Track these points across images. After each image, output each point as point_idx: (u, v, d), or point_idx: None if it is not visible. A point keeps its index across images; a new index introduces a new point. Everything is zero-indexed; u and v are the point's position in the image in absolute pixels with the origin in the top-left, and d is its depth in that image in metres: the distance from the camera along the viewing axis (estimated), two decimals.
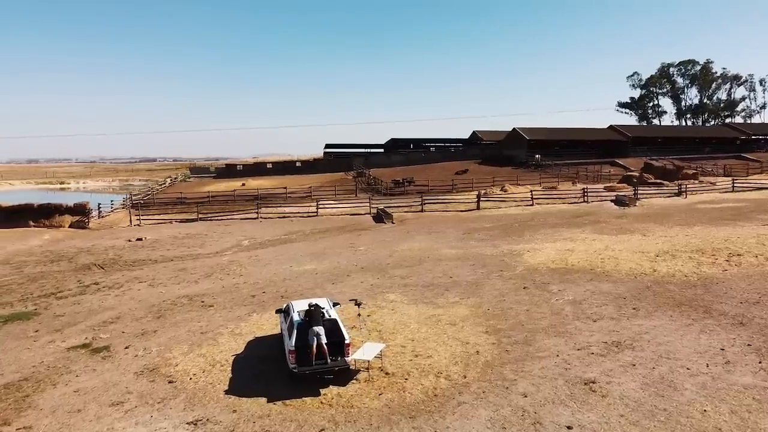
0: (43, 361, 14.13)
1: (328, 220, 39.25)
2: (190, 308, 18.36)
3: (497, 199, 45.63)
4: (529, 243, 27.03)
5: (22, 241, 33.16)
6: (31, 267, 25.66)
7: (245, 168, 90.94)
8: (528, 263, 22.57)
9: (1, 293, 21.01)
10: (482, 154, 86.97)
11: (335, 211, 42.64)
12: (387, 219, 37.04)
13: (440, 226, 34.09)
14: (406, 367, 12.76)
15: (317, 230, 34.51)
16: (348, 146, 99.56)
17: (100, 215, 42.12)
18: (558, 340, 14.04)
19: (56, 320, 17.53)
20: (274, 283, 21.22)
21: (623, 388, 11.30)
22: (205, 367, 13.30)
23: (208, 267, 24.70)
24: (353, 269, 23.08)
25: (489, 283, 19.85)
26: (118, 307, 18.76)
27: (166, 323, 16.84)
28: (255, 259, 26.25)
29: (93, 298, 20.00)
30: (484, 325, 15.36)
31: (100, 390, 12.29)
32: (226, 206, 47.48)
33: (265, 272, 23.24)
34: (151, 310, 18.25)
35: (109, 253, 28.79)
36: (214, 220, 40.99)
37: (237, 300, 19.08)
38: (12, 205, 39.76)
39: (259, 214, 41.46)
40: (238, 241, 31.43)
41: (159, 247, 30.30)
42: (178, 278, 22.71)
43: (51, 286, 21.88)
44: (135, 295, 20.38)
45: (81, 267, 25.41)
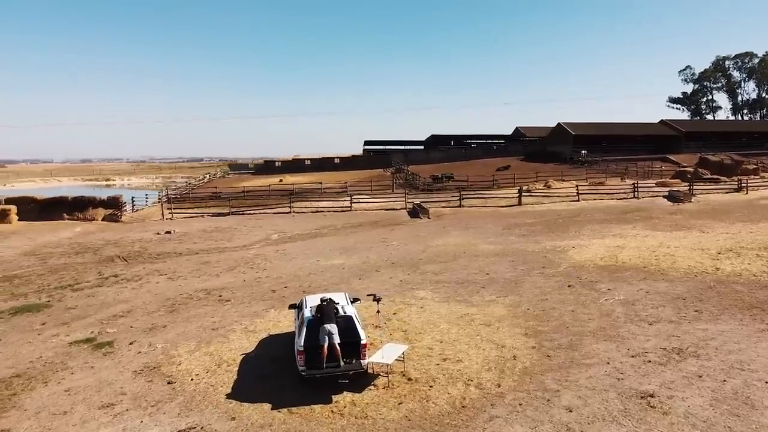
0: (42, 356, 13.14)
1: (362, 214, 37.89)
2: (206, 303, 17.22)
3: (540, 194, 43.41)
4: (574, 239, 25.03)
5: (53, 233, 32.93)
6: (56, 258, 25.12)
7: (283, 165, 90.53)
8: (573, 260, 20.66)
9: (19, 284, 20.36)
10: (525, 151, 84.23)
11: (370, 205, 41.25)
12: (423, 214, 35.43)
13: (478, 221, 32.30)
14: (431, 373, 11.21)
15: (349, 225, 33.18)
16: (387, 143, 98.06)
17: (133, 209, 41.90)
18: (608, 345, 12.23)
19: (67, 313, 16.64)
20: (298, 278, 19.93)
21: (688, 404, 9.48)
22: (210, 367, 12.05)
23: (232, 260, 23.63)
24: (383, 264, 21.61)
25: (530, 280, 18.08)
26: (132, 300, 17.79)
27: (177, 318, 15.72)
28: (281, 253, 25.08)
29: (109, 291, 19.11)
30: (523, 327, 13.66)
31: (92, 390, 11.16)
32: (260, 201, 46.71)
33: (290, 266, 22.00)
34: (165, 304, 17.20)
35: (135, 245, 28.11)
36: (245, 214, 40.17)
37: (256, 295, 17.86)
38: (47, 198, 39.84)
39: (291, 209, 40.43)
40: (267, 235, 30.37)
41: (186, 240, 29.50)
42: (199, 271, 21.68)
43: (70, 277, 21.15)
44: (152, 288, 19.41)
45: (104, 259, 24.72)
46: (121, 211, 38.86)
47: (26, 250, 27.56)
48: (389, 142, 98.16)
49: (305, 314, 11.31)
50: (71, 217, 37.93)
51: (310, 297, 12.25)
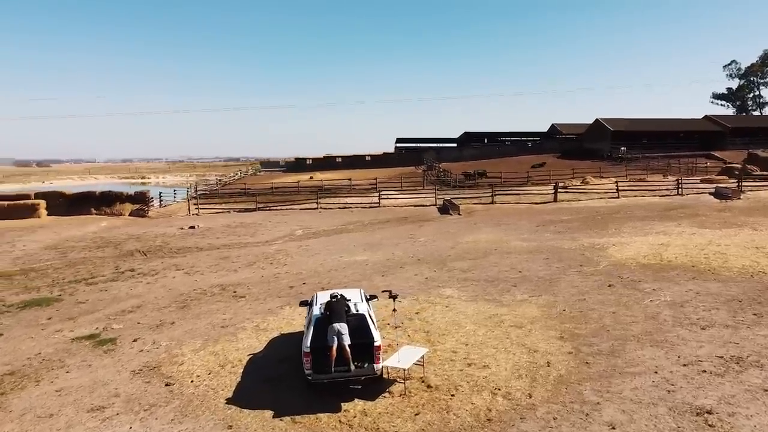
0: (41, 352, 12.42)
1: (390, 210, 36.77)
2: (220, 299, 16.35)
3: (577, 190, 41.55)
4: (614, 236, 23.41)
5: (79, 227, 32.78)
6: (76, 252, 24.72)
7: (314, 162, 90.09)
8: (614, 258, 19.13)
9: (35, 278, 19.90)
10: (561, 148, 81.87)
11: (399, 202, 40.09)
12: (453, 210, 34.11)
13: (511, 218, 30.83)
14: (454, 379, 10.02)
15: (376, 221, 32.10)
16: (419, 140, 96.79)
17: (161, 204, 41.67)
18: (656, 352, 10.84)
19: (75, 307, 15.99)
20: (318, 274, 18.93)
21: (754, 423, 8.10)
22: (213, 368, 11.10)
23: (252, 256, 22.79)
24: (408, 261, 20.44)
25: (566, 279, 16.67)
26: (144, 295, 17.05)
27: (188, 314, 14.87)
28: (304, 248, 24.14)
29: (123, 285, 18.44)
30: (559, 329, 12.33)
31: (85, 390, 10.32)
32: (287, 197, 46.05)
33: (311, 262, 21.03)
34: (177, 300, 16.40)
35: (157, 240, 27.58)
36: (272, 210, 39.47)
37: (273, 291, 16.92)
38: (75, 193, 39.92)
39: (318, 205, 39.58)
40: (292, 231, 29.52)
41: (209, 235, 28.86)
42: (218, 266, 20.89)
43: (86, 271, 20.60)
44: (167, 282, 18.67)
45: (124, 253, 24.20)
46: (148, 207, 38.62)
47: (49, 243, 27.32)
48: (421, 139, 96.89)
49: (314, 312, 10.26)
50: (99, 212, 37.87)
51: (321, 293, 11.19)
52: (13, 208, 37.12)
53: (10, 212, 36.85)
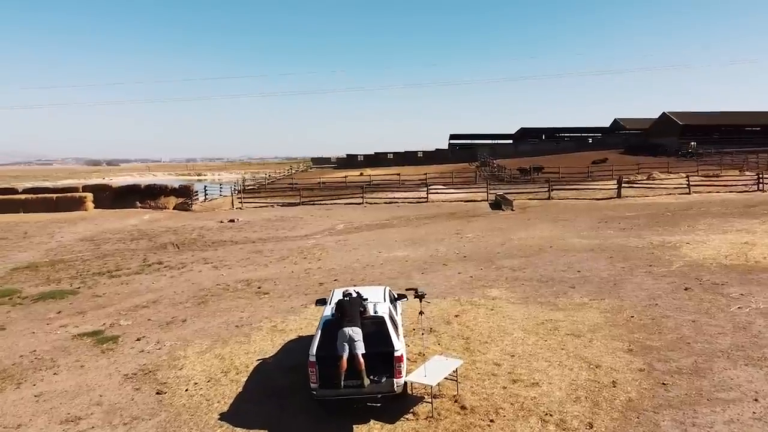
0: (37, 349, 11.26)
1: (438, 206, 34.80)
2: (241, 295, 14.95)
3: (643, 186, 38.37)
4: (688, 234, 20.75)
5: (120, 220, 32.42)
6: (110, 244, 24.01)
7: (366, 159, 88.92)
8: (689, 257, 16.65)
9: (60, 269, 19.12)
10: (625, 143, 77.71)
11: (448, 197, 38.07)
12: (506, 205, 31.84)
13: (569, 214, 28.35)
14: (495, 400, 8.14)
15: (423, 216, 30.22)
16: (474, 137, 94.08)
17: (205, 198, 41.14)
18: (753, 372, 8.63)
19: (90, 301, 14.92)
20: (353, 271, 17.30)
21: None
22: (215, 374, 9.59)
23: (287, 250, 21.40)
24: (453, 258, 18.54)
25: (633, 280, 14.41)
26: (165, 290, 15.85)
27: (203, 311, 13.51)
28: (342, 243, 22.57)
29: (146, 278, 17.34)
30: (626, 340, 10.22)
31: (67, 397, 8.99)
32: (333, 192, 44.77)
33: (347, 258, 19.42)
34: (196, 295, 15.10)
35: (194, 233, 26.65)
36: (315, 205, 38.20)
37: (300, 288, 15.39)
38: (120, 186, 39.90)
39: (364, 199, 38.02)
40: (333, 225, 28.04)
41: (247, 228, 27.74)
42: (248, 260, 19.57)
43: (113, 264, 19.68)
44: (192, 276, 17.45)
45: (157, 246, 23.29)
46: (192, 200, 38.07)
47: (87, 235, 26.85)
48: (476, 135, 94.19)
49: (325, 313, 8.58)
50: (143, 205, 37.62)
51: (340, 291, 9.49)
52: (61, 200, 37.36)
53: (59, 205, 37.09)
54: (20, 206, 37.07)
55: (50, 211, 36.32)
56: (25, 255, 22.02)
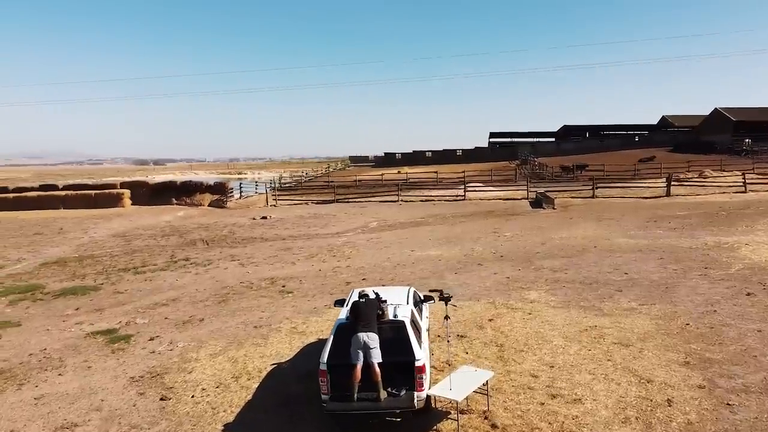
0: (47, 348, 10.80)
1: (476, 204, 33.64)
2: (264, 293, 14.28)
3: (694, 184, 36.34)
4: (746, 234, 19.17)
5: (155, 216, 32.41)
6: (141, 240, 23.80)
7: (404, 157, 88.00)
8: (750, 260, 15.21)
9: (87, 264, 18.88)
10: (673, 141, 74.60)
11: (486, 195, 36.84)
12: (547, 204, 30.48)
13: (615, 212, 26.84)
14: (530, 418, 7.16)
15: (459, 214, 29.15)
16: (514, 134, 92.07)
17: (240, 196, 40.97)
18: None
19: (110, 298, 14.50)
20: (382, 270, 16.46)
21: None
22: (225, 379, 8.88)
23: (316, 248, 20.70)
24: (489, 257, 17.50)
25: (687, 284, 13.13)
26: (187, 287, 15.34)
27: (223, 310, 12.88)
28: (374, 241, 21.76)
29: (170, 275, 16.88)
30: (682, 351, 9.07)
31: (67, 400, 8.42)
32: (369, 190, 44.02)
33: (378, 256, 18.60)
34: (218, 293, 14.51)
35: (225, 230, 26.27)
36: (350, 202, 37.51)
37: (326, 287, 14.62)
38: (157, 183, 40.10)
39: (399, 197, 37.15)
40: (366, 223, 27.27)
41: (279, 225, 27.22)
42: (275, 258, 18.95)
43: (140, 260, 19.35)
44: (216, 274, 16.92)
45: (187, 242, 22.94)
46: (227, 197, 37.91)
47: (119, 231, 26.80)
48: (516, 133, 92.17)
49: (339, 316, 7.76)
50: (179, 201, 37.64)
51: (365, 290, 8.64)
52: (100, 197, 37.73)
53: (97, 201, 37.47)
54: (60, 202, 37.61)
55: (89, 207, 36.71)
56: (57, 250, 21.97)
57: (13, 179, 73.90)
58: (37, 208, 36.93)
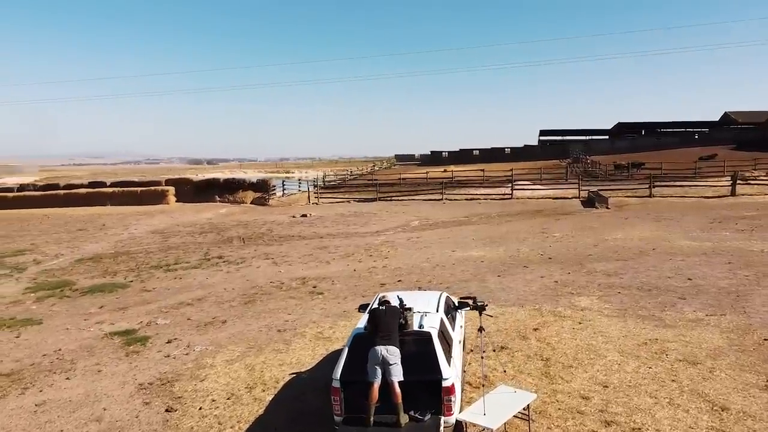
0: (62, 348, 10.31)
1: (523, 203, 32.15)
2: (294, 294, 13.52)
3: (762, 183, 33.79)
4: None
5: (197, 213, 32.34)
6: (178, 237, 23.53)
7: (450, 155, 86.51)
8: None
9: (120, 261, 18.61)
10: (737, 138, 70.58)
11: (534, 194, 35.26)
12: (600, 203, 28.77)
13: (674, 212, 25.00)
14: None
15: (504, 213, 27.81)
16: (565, 132, 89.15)
17: (283, 193, 40.65)
18: None
19: (136, 296, 14.04)
20: (420, 271, 15.47)
21: None
22: (237, 390, 8.10)
23: (353, 246, 19.87)
24: (536, 259, 16.26)
25: (762, 292, 11.64)
26: (216, 286, 14.75)
27: (248, 312, 12.17)
28: (414, 240, 20.76)
29: (201, 273, 16.37)
30: (762, 372, 7.77)
31: (68, 408, 7.81)
32: (413, 188, 43.00)
33: (416, 256, 17.61)
34: (246, 293, 13.83)
35: (263, 227, 25.78)
36: (393, 201, 36.56)
37: (359, 289, 13.75)
38: (200, 180, 40.20)
39: (443, 195, 35.97)
40: (407, 221, 26.28)
41: (318, 223, 26.55)
42: (310, 257, 18.22)
43: (174, 257, 18.97)
44: (248, 272, 16.30)
45: (224, 240, 22.52)
46: (269, 195, 37.61)
47: (159, 228, 26.71)
48: (568, 131, 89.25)
49: (358, 324, 6.83)
50: (222, 199, 37.63)
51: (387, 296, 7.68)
52: (145, 194, 38.11)
53: (143, 198, 37.85)
54: (108, 199, 38.17)
55: (135, 204, 37.10)
56: (95, 246, 21.90)
57: (69, 177, 76.11)
58: (86, 205, 37.58)
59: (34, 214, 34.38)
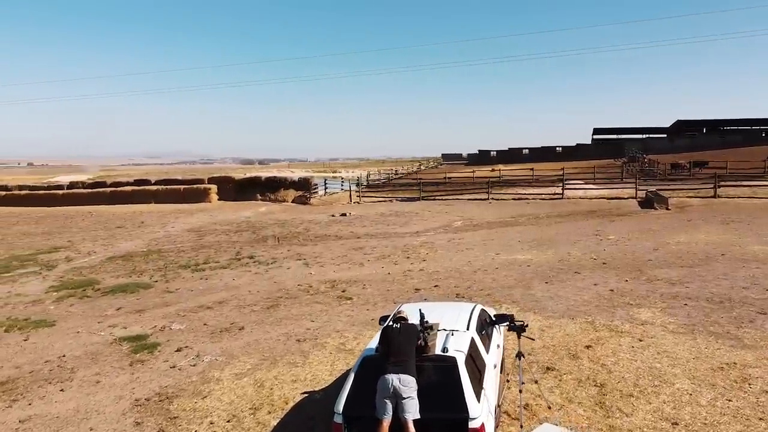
0: (66, 354, 9.58)
1: (575, 203, 30.30)
2: (321, 298, 12.51)
3: None
4: None
5: (237, 211, 31.89)
6: (213, 236, 22.96)
7: (499, 154, 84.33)
8: None
9: (150, 260, 18.07)
10: None
11: (587, 193, 33.29)
12: (659, 203, 26.73)
13: (743, 214, 22.85)
14: None
15: (554, 214, 26.13)
16: (620, 131, 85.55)
17: (325, 192, 39.89)
18: None
19: (157, 297, 13.32)
20: (459, 275, 14.23)
21: None
22: (240, 411, 7.12)
23: (391, 247, 18.76)
24: (588, 264, 14.77)
25: None
26: (241, 288, 13.90)
27: (269, 318, 11.22)
28: (455, 242, 19.48)
29: (229, 274, 15.58)
30: None
31: (53, 426, 7.01)
32: (458, 188, 41.54)
33: (456, 259, 16.36)
34: (271, 296, 12.91)
35: (300, 226, 24.96)
36: (436, 200, 35.22)
37: (391, 294, 12.63)
38: (242, 179, 39.86)
39: (489, 195, 34.43)
40: (449, 222, 24.98)
41: (356, 223, 25.55)
42: (344, 258, 17.22)
43: (205, 256, 18.30)
44: (277, 273, 15.41)
45: (258, 239, 21.79)
46: (311, 194, 36.91)
47: (196, 226, 26.28)
48: (623, 129, 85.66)
49: (368, 345, 5.70)
50: (263, 197, 37.17)
51: (409, 307, 6.52)
52: (188, 192, 38.05)
53: (186, 196, 37.78)
54: (152, 197, 38.32)
55: (178, 202, 37.07)
56: (129, 244, 21.54)
57: (124, 175, 77.93)
58: (131, 203, 37.82)
59: (80, 212, 34.75)
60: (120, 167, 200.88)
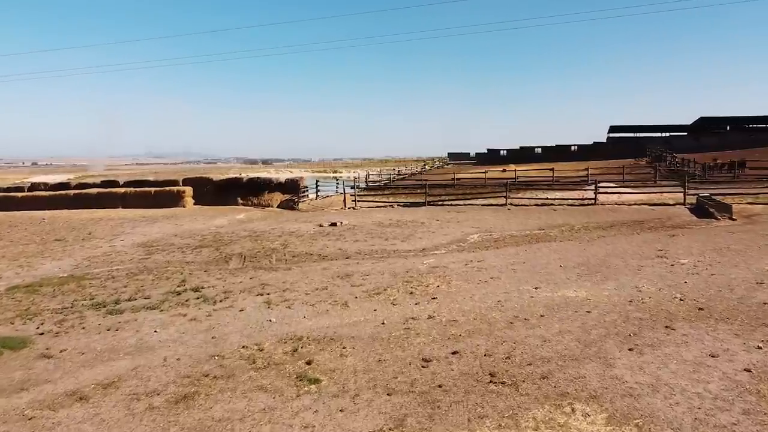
0: None
1: (612, 210, 25.46)
2: (269, 380, 7.72)
3: None
4: None
5: (209, 219, 27.19)
6: (164, 254, 18.25)
7: (509, 153, 79.38)
8: None
9: (60, 292, 13.26)
10: None
11: (622, 198, 28.47)
12: (720, 212, 21.88)
13: None
14: None
15: (593, 225, 21.30)
16: (639, 129, 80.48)
17: (317, 195, 35.14)
18: None
19: (20, 370, 8.54)
20: (489, 328, 9.42)
21: None
22: None
23: (388, 275, 13.98)
24: (676, 309, 9.93)
25: None
26: (156, 350, 9.12)
27: (168, 429, 6.43)
28: (474, 266, 14.67)
29: (153, 321, 10.81)
30: None
31: None
32: (469, 191, 36.70)
33: (480, 296, 11.54)
34: (192, 374, 8.11)
35: (278, 241, 20.21)
36: (445, 205, 30.44)
37: (384, 373, 7.83)
38: (221, 180, 35.16)
39: (507, 200, 29.61)
40: (464, 235, 20.17)
41: (348, 236, 20.76)
42: (324, 292, 12.44)
43: (134, 288, 13.55)
44: (221, 322, 10.63)
45: (219, 258, 17.10)
46: (299, 197, 32.15)
47: (152, 239, 21.58)
48: (641, 127, 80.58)
49: None
50: (245, 201, 32.49)
51: None
52: (159, 195, 33.39)
53: (157, 199, 33.15)
54: (119, 200, 33.66)
55: (148, 206, 32.45)
56: (52, 266, 16.85)
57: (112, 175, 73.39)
58: (97, 206, 33.23)
59: (33, 217, 30.11)
60: (124, 166, 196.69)
